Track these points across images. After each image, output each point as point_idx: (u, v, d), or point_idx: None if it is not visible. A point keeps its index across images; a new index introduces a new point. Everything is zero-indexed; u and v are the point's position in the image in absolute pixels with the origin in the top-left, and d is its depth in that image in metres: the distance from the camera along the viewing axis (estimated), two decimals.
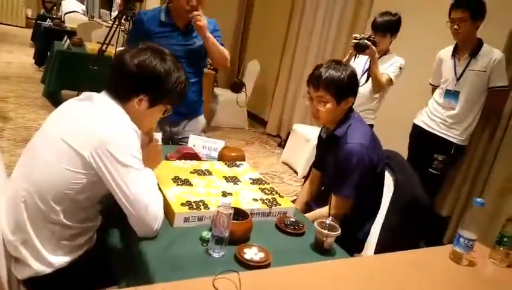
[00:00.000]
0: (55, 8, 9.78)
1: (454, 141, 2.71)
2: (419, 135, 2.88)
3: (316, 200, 1.92)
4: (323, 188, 1.90)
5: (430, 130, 2.80)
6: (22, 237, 1.22)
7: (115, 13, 6.09)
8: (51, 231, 1.24)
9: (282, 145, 4.86)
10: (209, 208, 1.39)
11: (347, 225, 1.43)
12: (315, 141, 2.02)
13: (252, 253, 1.22)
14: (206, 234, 1.27)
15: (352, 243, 1.49)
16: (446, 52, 2.79)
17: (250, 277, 1.08)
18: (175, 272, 1.13)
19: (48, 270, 1.24)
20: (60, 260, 1.26)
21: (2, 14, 10.87)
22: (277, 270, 1.16)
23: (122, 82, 1.28)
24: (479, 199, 1.30)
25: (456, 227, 2.89)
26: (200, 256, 1.21)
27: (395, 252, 1.36)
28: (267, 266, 1.19)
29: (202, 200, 1.43)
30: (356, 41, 2.68)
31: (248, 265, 1.17)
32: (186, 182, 1.57)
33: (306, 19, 4.78)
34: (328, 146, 1.79)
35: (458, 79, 2.64)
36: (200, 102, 2.42)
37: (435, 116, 2.78)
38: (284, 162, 4.40)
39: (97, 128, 1.20)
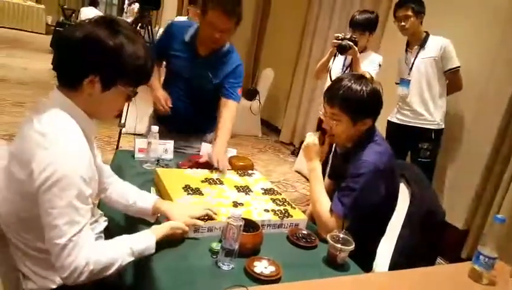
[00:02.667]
0: (74, 15, 10.02)
1: (431, 127, 2.85)
2: (394, 130, 3.04)
3: None
4: None
5: (405, 123, 2.95)
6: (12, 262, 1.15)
7: (129, 20, 6.16)
8: (38, 258, 1.14)
9: (295, 153, 4.82)
10: (219, 219, 1.36)
11: (357, 242, 1.36)
12: None
13: (262, 266, 1.18)
14: (216, 245, 1.25)
15: (363, 261, 1.43)
16: (402, 51, 3.00)
17: None
18: (183, 285, 1.10)
19: (52, 285, 1.17)
20: None
21: (23, 21, 11.16)
22: (288, 285, 1.13)
23: (68, 62, 1.09)
24: (499, 216, 1.24)
25: (474, 241, 2.82)
26: (209, 268, 1.19)
27: (411, 269, 1.31)
28: (277, 280, 1.15)
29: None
30: (338, 41, 2.72)
31: (258, 279, 1.14)
32: (197, 191, 1.55)
33: (320, 27, 4.76)
34: (343, 161, 1.70)
35: (411, 68, 2.88)
36: (199, 124, 2.19)
37: (404, 110, 2.95)
38: (296, 171, 4.36)
39: (42, 159, 1.02)
